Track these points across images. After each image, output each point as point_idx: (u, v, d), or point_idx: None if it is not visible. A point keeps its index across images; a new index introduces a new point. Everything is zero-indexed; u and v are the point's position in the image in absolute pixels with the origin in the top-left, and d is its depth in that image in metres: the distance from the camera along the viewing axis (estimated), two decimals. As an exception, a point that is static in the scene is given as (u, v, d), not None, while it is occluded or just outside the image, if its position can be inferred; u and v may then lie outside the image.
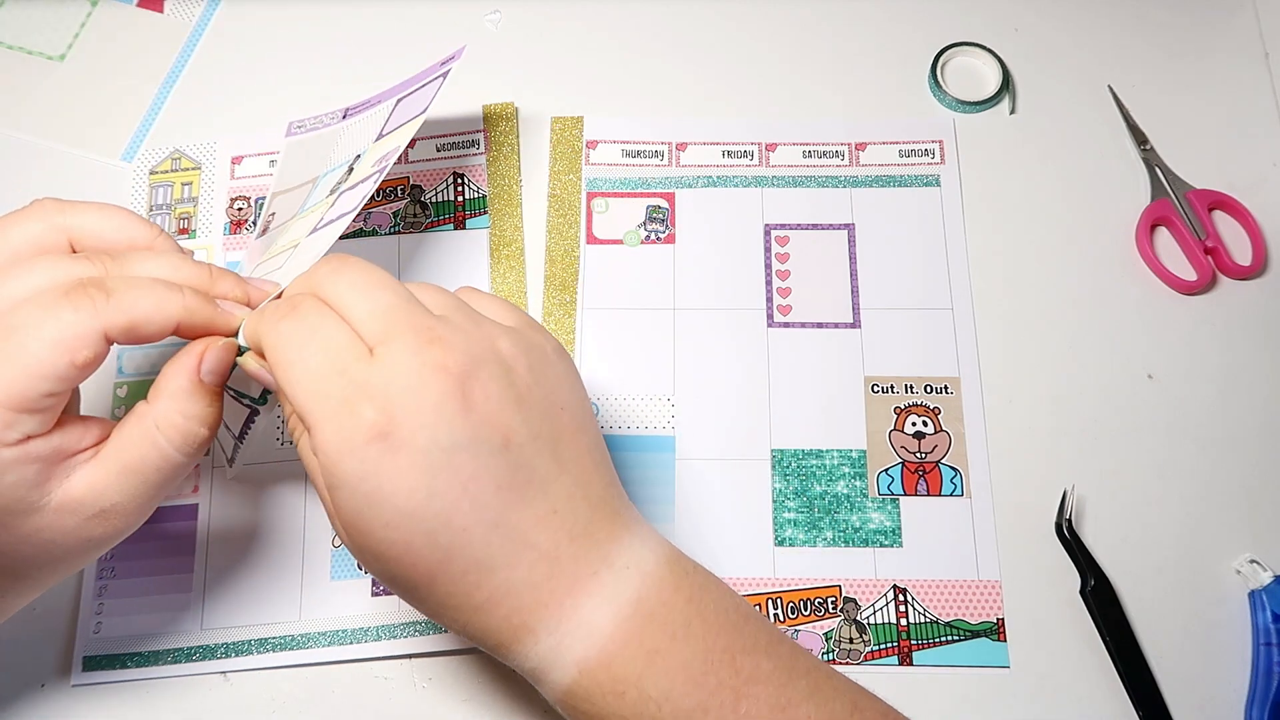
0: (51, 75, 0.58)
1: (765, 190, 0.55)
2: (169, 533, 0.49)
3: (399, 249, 0.53)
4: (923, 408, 0.50)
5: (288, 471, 0.49)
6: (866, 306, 0.52)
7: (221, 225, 0.54)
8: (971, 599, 0.47)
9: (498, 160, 0.55)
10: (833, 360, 0.51)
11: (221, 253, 0.53)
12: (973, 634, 0.47)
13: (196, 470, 0.50)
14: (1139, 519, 0.49)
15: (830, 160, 0.55)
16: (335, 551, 0.48)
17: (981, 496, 0.49)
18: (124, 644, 0.47)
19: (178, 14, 0.59)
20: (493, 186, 0.54)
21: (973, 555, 0.48)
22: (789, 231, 0.54)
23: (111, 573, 0.48)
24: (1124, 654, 0.46)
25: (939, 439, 0.50)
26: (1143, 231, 0.53)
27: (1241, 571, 0.47)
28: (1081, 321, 0.52)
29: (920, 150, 0.55)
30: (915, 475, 0.49)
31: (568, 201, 0.54)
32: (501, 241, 0.53)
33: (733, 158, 0.55)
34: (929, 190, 0.55)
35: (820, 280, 0.53)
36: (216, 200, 0.54)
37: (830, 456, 0.50)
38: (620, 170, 0.55)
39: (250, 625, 0.47)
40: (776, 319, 0.52)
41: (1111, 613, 0.46)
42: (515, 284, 0.53)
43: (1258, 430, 0.50)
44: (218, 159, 0.55)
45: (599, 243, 0.54)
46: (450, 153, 0.55)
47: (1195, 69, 0.58)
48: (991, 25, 0.59)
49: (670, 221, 0.54)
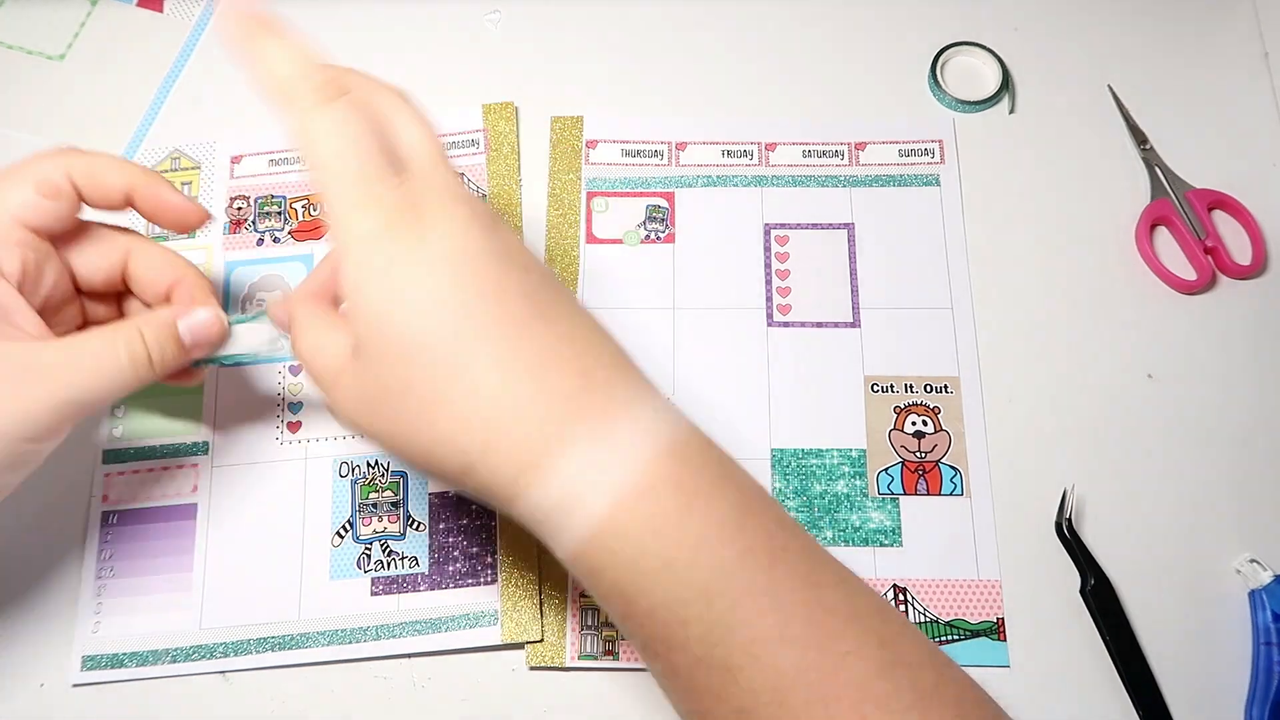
0: (51, 75, 0.58)
1: (765, 190, 0.54)
2: (168, 532, 0.49)
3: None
4: (923, 407, 0.50)
5: (287, 471, 0.49)
6: (866, 306, 0.52)
7: (221, 225, 0.54)
8: (971, 599, 0.47)
9: (497, 160, 0.55)
10: (833, 360, 0.51)
11: (221, 252, 0.53)
12: (973, 634, 0.46)
13: (196, 469, 0.49)
14: (1139, 519, 0.49)
15: (830, 160, 0.55)
16: (334, 550, 0.48)
17: (981, 496, 0.49)
18: (122, 643, 0.47)
19: (177, 13, 0.59)
20: (492, 186, 0.54)
21: (973, 555, 0.48)
22: (789, 231, 0.54)
23: (111, 572, 0.48)
24: (1124, 653, 0.46)
25: (939, 438, 0.50)
26: (1142, 231, 0.53)
27: (1241, 571, 0.47)
28: (1081, 321, 0.52)
29: (920, 150, 0.55)
30: (915, 475, 0.49)
31: (567, 201, 0.54)
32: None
33: (732, 157, 0.55)
34: (929, 190, 0.54)
35: (820, 280, 0.53)
36: (216, 200, 0.54)
37: (830, 456, 0.50)
38: (620, 170, 0.55)
39: (249, 625, 0.47)
40: (776, 318, 0.52)
41: (1111, 612, 0.46)
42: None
43: (1258, 429, 0.50)
44: (217, 158, 0.55)
45: (599, 242, 0.54)
46: (450, 152, 0.55)
47: (1195, 69, 0.58)
48: (991, 25, 0.58)
49: (670, 221, 0.54)
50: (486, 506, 0.48)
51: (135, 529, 0.49)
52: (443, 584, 0.48)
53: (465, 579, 0.48)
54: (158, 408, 0.51)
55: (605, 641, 0.47)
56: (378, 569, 0.48)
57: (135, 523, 0.49)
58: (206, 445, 0.50)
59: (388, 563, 0.48)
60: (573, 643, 0.47)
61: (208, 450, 0.50)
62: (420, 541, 0.49)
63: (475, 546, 0.49)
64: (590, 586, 0.33)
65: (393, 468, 0.50)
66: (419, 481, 0.49)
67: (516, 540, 0.49)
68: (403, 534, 0.49)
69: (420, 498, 0.49)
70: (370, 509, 0.49)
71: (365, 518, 0.49)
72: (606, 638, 0.47)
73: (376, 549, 0.49)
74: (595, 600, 0.34)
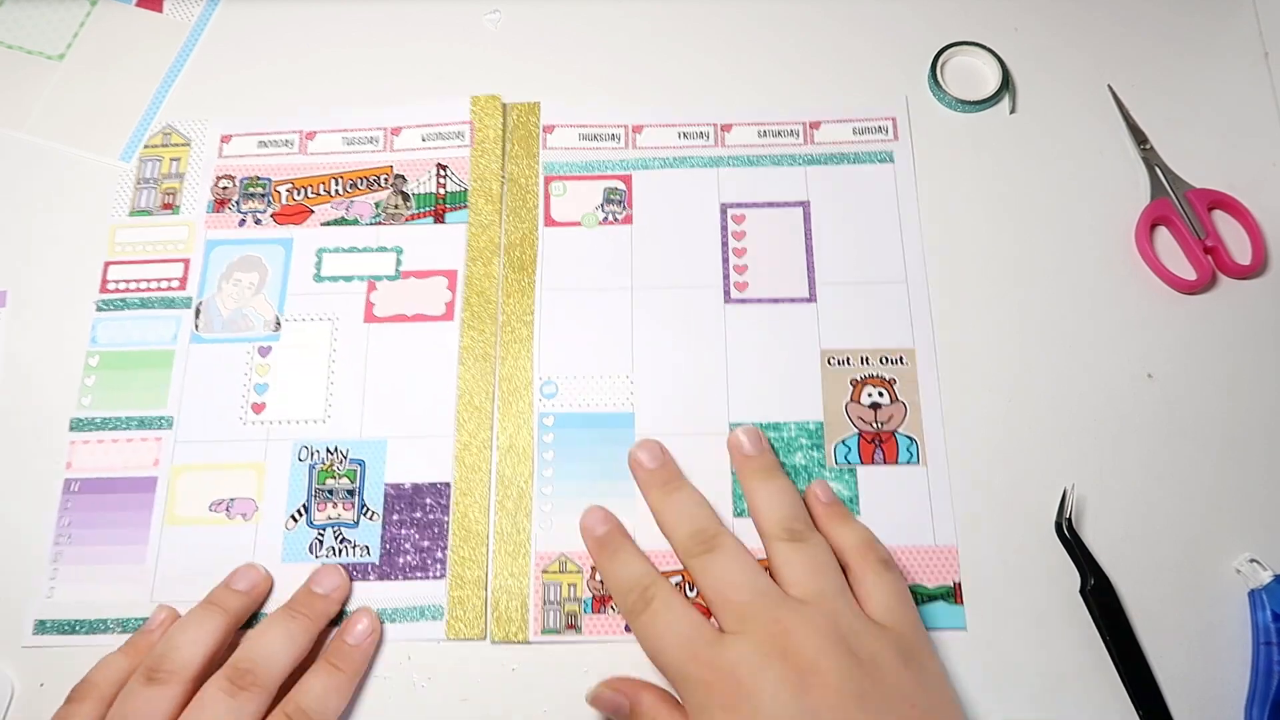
0: (50, 74, 0.58)
1: (721, 170, 0.54)
2: (127, 504, 0.48)
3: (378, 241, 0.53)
4: (879, 379, 0.50)
5: (246, 452, 0.49)
6: (823, 281, 0.52)
7: (205, 203, 0.54)
8: (928, 564, 0.46)
9: (482, 153, 0.55)
10: (789, 334, 0.51)
11: (202, 230, 0.54)
12: (930, 598, 0.46)
13: (159, 443, 0.49)
14: (1139, 518, 0.47)
15: (785, 139, 0.55)
16: (288, 534, 0.48)
17: (937, 464, 0.48)
18: (75, 610, 0.47)
19: (177, 13, 0.60)
20: (475, 179, 0.54)
21: (929, 522, 0.47)
22: (745, 210, 0.54)
23: (69, 539, 0.48)
24: (1124, 653, 0.44)
25: (895, 409, 0.49)
26: (1142, 231, 0.52)
27: (1241, 571, 0.46)
28: (1081, 320, 0.51)
29: (874, 128, 0.55)
30: (872, 445, 0.49)
31: (525, 185, 0.55)
32: (480, 234, 0.53)
33: (689, 139, 0.55)
34: (883, 166, 0.54)
35: (777, 257, 0.52)
36: (203, 177, 0.55)
37: (788, 429, 0.49)
38: (577, 153, 0.55)
39: (198, 600, 0.46)
40: (734, 295, 0.52)
41: (1111, 612, 0.45)
42: (486, 279, 0.52)
43: (1258, 429, 0.48)
44: (207, 136, 0.56)
45: (557, 225, 0.54)
46: (435, 143, 0.55)
47: (1195, 69, 0.57)
48: (991, 25, 0.58)
49: (628, 203, 0.54)
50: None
51: (95, 498, 0.48)
52: (392, 575, 0.47)
53: (415, 572, 0.47)
54: (127, 379, 0.51)
55: (567, 616, 0.46)
56: (330, 555, 0.47)
57: (96, 491, 0.49)
58: (171, 420, 0.50)
59: (339, 549, 0.47)
60: (535, 618, 0.46)
61: (172, 425, 0.50)
62: (373, 531, 0.48)
63: (427, 541, 0.48)
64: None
65: (351, 455, 0.49)
66: (376, 471, 0.49)
67: (468, 537, 0.48)
68: (356, 522, 0.48)
69: (376, 488, 0.48)
70: (326, 495, 0.48)
71: (320, 503, 0.48)
72: (568, 612, 0.46)
73: (329, 535, 0.48)
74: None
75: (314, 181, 0.55)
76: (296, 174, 0.55)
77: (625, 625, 0.45)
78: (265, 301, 0.52)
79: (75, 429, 0.50)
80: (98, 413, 0.50)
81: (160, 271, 0.53)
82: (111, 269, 0.53)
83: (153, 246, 0.54)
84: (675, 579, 0.46)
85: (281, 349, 0.51)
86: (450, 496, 0.48)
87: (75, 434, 0.50)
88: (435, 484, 0.48)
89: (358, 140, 0.56)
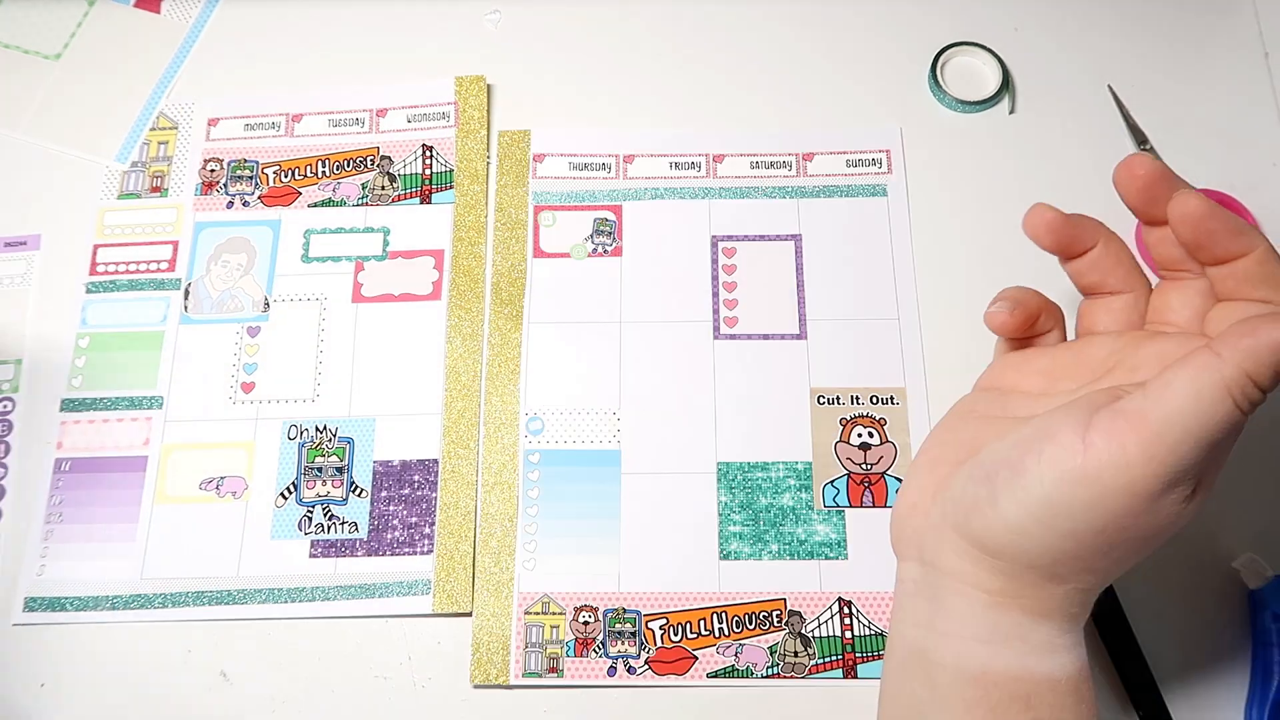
0: (47, 75, 0.58)
1: (713, 201, 0.54)
2: (117, 483, 0.50)
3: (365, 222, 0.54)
4: (869, 419, 0.49)
5: (235, 431, 0.50)
6: (813, 317, 0.51)
7: (193, 186, 0.55)
8: None
9: (467, 133, 0.55)
10: (779, 372, 0.50)
11: (190, 212, 0.54)
12: None
13: (149, 423, 0.50)
14: None
15: (778, 171, 0.54)
16: (277, 511, 0.49)
17: None
18: (65, 587, 0.48)
19: (174, 14, 0.60)
20: (460, 160, 0.54)
21: None
22: (736, 243, 0.53)
23: (59, 518, 0.49)
24: (1124, 653, 0.45)
25: (885, 450, 0.49)
26: (1142, 231, 0.51)
27: (1242, 571, 0.46)
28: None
29: (867, 160, 0.54)
30: (861, 487, 0.48)
31: (514, 215, 0.54)
32: (466, 214, 0.53)
33: (680, 169, 0.54)
34: (876, 200, 0.53)
35: (767, 291, 0.52)
36: (190, 161, 0.55)
37: (776, 469, 0.49)
38: (567, 183, 0.54)
39: (189, 578, 0.48)
40: (723, 330, 0.51)
41: (1111, 612, 0.45)
42: (473, 259, 0.53)
43: (1258, 430, 0.48)
44: (195, 120, 0.56)
45: (546, 256, 0.53)
46: (421, 124, 0.55)
47: (1195, 69, 0.56)
48: (991, 25, 0.58)
49: (617, 234, 0.53)
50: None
51: (86, 477, 0.50)
52: (380, 551, 0.48)
53: (403, 547, 0.48)
54: (117, 360, 0.52)
55: (549, 659, 0.46)
56: (318, 532, 0.48)
57: (86, 470, 0.50)
58: (161, 400, 0.51)
59: (328, 526, 0.48)
60: (516, 660, 0.46)
61: (162, 405, 0.51)
62: (361, 508, 0.49)
63: (415, 517, 0.49)
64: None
65: (340, 433, 0.50)
66: (365, 449, 0.50)
67: (455, 513, 0.48)
68: (345, 499, 0.49)
69: (365, 465, 0.49)
70: (315, 473, 0.49)
71: (310, 481, 0.49)
72: (550, 655, 0.46)
73: (319, 512, 0.49)
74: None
75: (301, 164, 0.55)
76: (283, 156, 0.55)
77: (607, 670, 0.45)
78: (254, 282, 0.53)
79: (66, 409, 0.51)
80: (88, 393, 0.51)
81: (149, 254, 0.53)
82: (101, 251, 0.54)
83: (142, 229, 0.54)
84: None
85: (270, 329, 0.52)
86: (438, 473, 0.49)
87: (66, 414, 0.51)
88: (423, 460, 0.49)
89: (344, 122, 0.56)
